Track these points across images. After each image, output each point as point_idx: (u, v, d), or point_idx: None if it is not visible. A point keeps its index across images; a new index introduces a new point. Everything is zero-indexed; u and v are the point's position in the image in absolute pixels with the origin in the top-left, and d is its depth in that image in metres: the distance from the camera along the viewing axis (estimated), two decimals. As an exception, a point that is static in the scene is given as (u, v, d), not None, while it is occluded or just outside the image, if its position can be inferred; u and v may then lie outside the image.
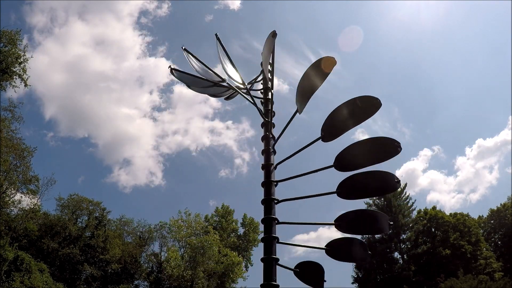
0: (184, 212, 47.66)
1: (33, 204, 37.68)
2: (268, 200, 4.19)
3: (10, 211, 35.95)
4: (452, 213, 53.34)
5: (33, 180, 36.84)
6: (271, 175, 4.33)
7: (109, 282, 41.04)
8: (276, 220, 4.12)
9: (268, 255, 3.94)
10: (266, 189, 4.25)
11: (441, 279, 39.59)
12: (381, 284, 49.83)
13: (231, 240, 53.93)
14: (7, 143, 32.61)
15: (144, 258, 46.98)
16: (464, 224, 50.80)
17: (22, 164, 35.35)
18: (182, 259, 44.13)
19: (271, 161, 4.43)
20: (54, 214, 42.08)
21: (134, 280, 45.09)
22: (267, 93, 5.01)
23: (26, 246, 35.78)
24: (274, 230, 4.07)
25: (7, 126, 33.28)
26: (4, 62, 30.83)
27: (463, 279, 37.09)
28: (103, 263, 41.36)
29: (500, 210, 59.65)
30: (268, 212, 4.13)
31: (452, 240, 48.70)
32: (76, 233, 40.67)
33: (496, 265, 47.55)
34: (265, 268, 3.88)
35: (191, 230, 46.59)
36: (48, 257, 37.72)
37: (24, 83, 32.64)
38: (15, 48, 31.49)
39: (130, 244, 45.67)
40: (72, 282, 38.64)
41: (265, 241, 4.02)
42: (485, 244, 52.74)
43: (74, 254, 38.74)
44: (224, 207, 58.36)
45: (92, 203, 43.90)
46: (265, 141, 4.59)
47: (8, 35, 31.15)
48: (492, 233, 60.00)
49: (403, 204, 55.22)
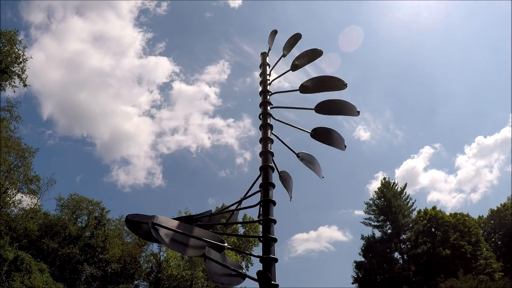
0: (185, 212, 47.72)
1: (33, 204, 37.73)
2: (266, 201, 4.23)
3: (11, 211, 36.00)
4: (452, 213, 53.37)
5: (34, 180, 36.91)
6: (269, 176, 4.37)
7: (109, 282, 41.06)
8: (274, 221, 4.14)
9: (267, 255, 3.96)
10: (264, 190, 4.29)
11: (441, 279, 39.60)
12: (381, 284, 49.83)
13: (231, 240, 53.92)
14: (7, 143, 32.65)
15: (143, 258, 47.02)
16: (464, 224, 50.81)
17: (23, 164, 35.41)
18: (182, 259, 44.16)
19: (269, 162, 4.47)
20: (54, 214, 42.15)
21: (133, 280, 45.12)
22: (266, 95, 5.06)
23: (26, 246, 35.81)
24: (272, 231, 4.11)
25: (6, 126, 33.33)
26: (3, 62, 30.86)
27: (463, 279, 37.10)
28: (103, 263, 41.39)
29: (500, 210, 59.69)
30: (266, 214, 4.16)
31: (452, 240, 48.71)
32: (76, 233, 40.70)
33: (496, 265, 47.54)
34: (264, 268, 3.90)
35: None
36: (48, 257, 37.75)
37: (23, 83, 32.70)
38: (14, 48, 31.54)
39: (130, 244, 45.69)
40: (72, 282, 38.66)
41: (264, 241, 4.04)
42: (485, 244, 52.74)
43: (74, 254, 38.76)
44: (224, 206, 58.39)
45: (91, 203, 43.92)
46: (263, 142, 4.63)
47: (7, 35, 31.19)
48: (492, 233, 60.03)
49: (403, 204, 55.23)
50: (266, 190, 4.29)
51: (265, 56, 5.51)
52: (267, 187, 4.30)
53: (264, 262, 3.92)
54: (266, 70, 5.35)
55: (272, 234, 4.07)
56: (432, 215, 52.18)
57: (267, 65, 5.42)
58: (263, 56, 5.52)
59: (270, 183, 4.33)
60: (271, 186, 4.32)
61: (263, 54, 5.52)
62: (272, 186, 4.34)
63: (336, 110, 5.07)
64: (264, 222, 4.14)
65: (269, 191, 4.28)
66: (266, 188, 4.30)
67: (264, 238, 4.05)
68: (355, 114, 4.95)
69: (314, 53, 5.27)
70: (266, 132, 4.72)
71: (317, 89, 5.13)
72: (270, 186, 4.32)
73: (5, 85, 32.03)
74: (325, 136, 4.96)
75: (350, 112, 5.01)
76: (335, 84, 5.07)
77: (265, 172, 4.41)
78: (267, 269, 3.88)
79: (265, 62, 5.45)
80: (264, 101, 5.00)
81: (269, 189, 4.30)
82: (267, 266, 3.90)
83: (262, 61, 5.48)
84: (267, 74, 5.30)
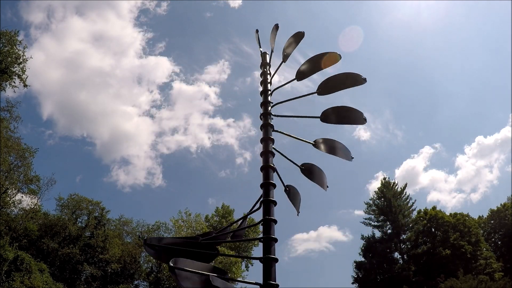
0: (185, 212, 47.76)
1: (33, 204, 37.74)
2: (267, 201, 4.23)
3: (11, 211, 36.00)
4: (452, 213, 53.38)
5: (34, 180, 36.91)
6: (270, 176, 4.38)
7: (109, 282, 41.03)
8: (274, 221, 4.14)
9: (267, 255, 3.95)
10: (265, 190, 4.29)
11: (441, 279, 39.59)
12: (381, 284, 49.83)
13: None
14: (7, 143, 32.66)
15: (143, 258, 46.97)
16: (464, 224, 50.82)
17: (23, 164, 35.42)
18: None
19: (269, 162, 4.47)
20: (54, 214, 42.13)
21: (133, 280, 45.10)
22: (267, 95, 5.06)
23: (26, 246, 35.80)
24: (273, 231, 4.11)
25: (6, 126, 33.35)
26: (3, 62, 30.87)
27: (463, 279, 37.10)
28: (103, 263, 41.37)
29: (500, 210, 59.69)
30: (267, 213, 4.17)
31: (452, 240, 48.71)
32: (76, 233, 40.68)
33: (496, 265, 47.54)
34: (265, 268, 3.90)
35: (191, 230, 46.60)
36: (48, 257, 37.74)
37: (23, 83, 32.70)
38: (14, 49, 31.55)
39: (130, 244, 45.67)
40: (72, 282, 38.65)
41: (264, 241, 4.04)
42: (485, 244, 52.74)
43: (74, 254, 38.74)
44: (224, 207, 58.38)
45: (91, 202, 43.90)
46: (264, 143, 4.63)
47: (7, 35, 31.20)
48: (492, 233, 60.02)
49: (403, 204, 55.24)
50: (267, 190, 4.29)
51: (266, 55, 5.50)
52: (268, 187, 4.30)
53: (264, 262, 3.92)
54: (266, 70, 5.34)
55: (272, 234, 4.07)
56: (432, 215, 52.17)
57: (267, 65, 5.40)
58: (264, 55, 5.51)
59: (271, 183, 4.33)
60: (271, 186, 4.32)
61: (264, 54, 5.51)
62: (273, 186, 4.34)
63: (342, 118, 4.87)
64: (264, 222, 4.13)
65: (269, 191, 4.28)
66: (267, 188, 4.30)
67: (265, 238, 4.04)
68: (362, 122, 4.74)
69: (331, 58, 4.89)
70: (267, 132, 4.71)
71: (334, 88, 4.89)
72: (271, 186, 4.32)
73: (5, 85, 32.05)
74: (329, 147, 4.84)
75: (356, 121, 4.79)
76: (355, 81, 4.78)
77: (266, 172, 4.41)
78: (268, 269, 3.88)
79: (265, 62, 5.44)
80: (265, 101, 4.99)
81: (270, 189, 4.30)
82: (267, 266, 3.90)
83: (263, 60, 5.47)
84: (268, 74, 5.29)
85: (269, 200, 4.23)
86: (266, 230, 4.10)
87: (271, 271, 3.88)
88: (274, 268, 3.91)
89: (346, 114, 4.82)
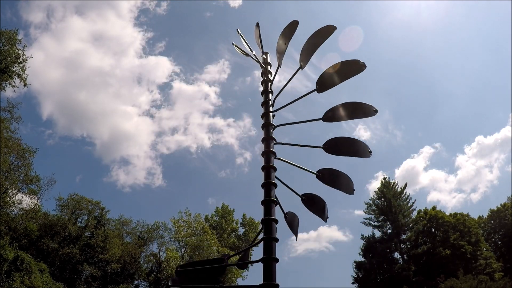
0: (185, 212, 47.76)
1: (33, 204, 37.73)
2: (268, 201, 4.23)
3: (11, 211, 35.99)
4: (452, 213, 53.37)
5: (34, 180, 36.91)
6: (271, 176, 4.38)
7: (109, 282, 41.04)
8: (275, 221, 4.14)
9: (268, 255, 3.95)
10: (266, 190, 4.29)
11: (441, 279, 39.60)
12: (381, 284, 49.84)
13: (231, 240, 53.96)
14: (7, 143, 32.65)
15: (143, 258, 47.00)
16: (464, 224, 50.81)
17: (23, 164, 35.42)
18: (182, 259, 44.17)
19: (271, 162, 4.46)
20: (54, 214, 42.13)
21: (133, 280, 45.12)
22: (268, 95, 5.05)
23: (26, 246, 35.80)
24: (273, 231, 4.10)
25: (7, 127, 33.35)
26: (3, 62, 30.85)
27: (463, 279, 37.10)
28: (103, 263, 41.37)
29: (500, 210, 59.68)
30: (268, 213, 4.17)
31: (452, 240, 48.71)
32: (75, 233, 40.68)
33: (496, 265, 47.55)
34: (265, 268, 3.89)
35: (191, 230, 46.62)
36: (48, 257, 37.74)
37: (23, 82, 32.68)
38: (14, 48, 31.53)
39: (130, 244, 45.68)
40: (72, 282, 38.66)
41: (265, 241, 4.04)
42: (485, 244, 52.74)
43: (74, 254, 38.75)
44: (224, 206, 58.34)
45: (91, 202, 43.92)
46: (265, 142, 4.62)
47: (7, 35, 31.18)
48: (492, 233, 60.01)
49: (403, 204, 55.24)
50: (268, 190, 4.28)
51: (267, 55, 5.49)
52: (269, 186, 4.29)
53: (264, 262, 3.91)
54: (267, 69, 5.33)
55: (273, 234, 4.06)
56: (432, 215, 52.17)
57: (268, 65, 5.39)
58: (265, 55, 5.50)
59: (272, 183, 4.32)
60: (273, 186, 4.31)
61: (265, 54, 5.50)
62: (274, 185, 4.33)
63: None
64: (265, 222, 4.13)
65: (270, 191, 4.28)
66: (268, 187, 4.29)
67: (265, 238, 4.04)
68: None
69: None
70: (268, 132, 4.70)
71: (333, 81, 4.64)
72: (272, 185, 4.31)
73: (5, 85, 32.03)
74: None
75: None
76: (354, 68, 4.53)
77: (267, 171, 4.40)
78: (268, 269, 3.87)
79: (266, 62, 5.43)
80: (266, 100, 4.98)
81: (271, 188, 4.29)
82: (267, 266, 3.89)
83: (264, 60, 5.46)
84: (269, 73, 5.27)
85: (270, 200, 4.23)
86: (267, 230, 4.10)
87: (271, 271, 3.87)
88: (274, 268, 3.91)
89: (355, 109, 4.66)
